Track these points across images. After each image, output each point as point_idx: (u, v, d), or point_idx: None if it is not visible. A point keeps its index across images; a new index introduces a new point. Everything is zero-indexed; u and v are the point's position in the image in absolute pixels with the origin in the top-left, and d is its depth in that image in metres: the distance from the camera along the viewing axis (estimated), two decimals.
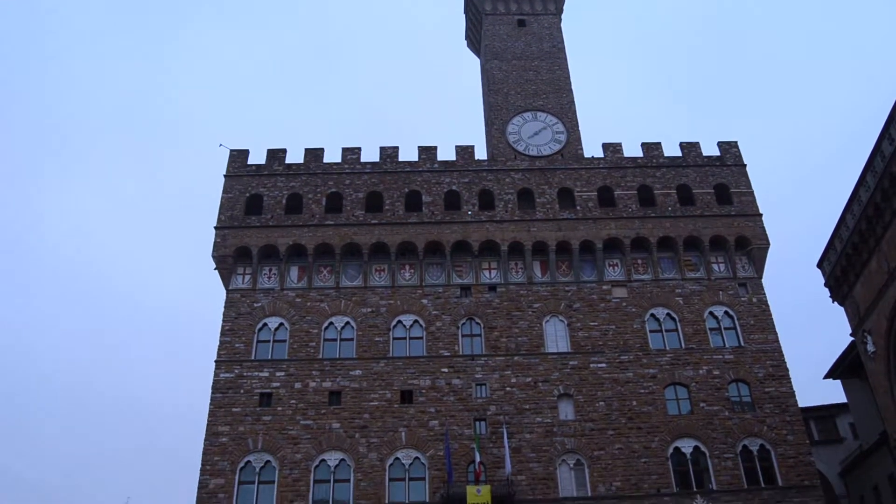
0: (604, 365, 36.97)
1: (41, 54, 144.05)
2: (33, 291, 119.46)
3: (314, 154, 43.53)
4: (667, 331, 38.47)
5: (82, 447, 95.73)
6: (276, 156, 43.32)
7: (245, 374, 36.26)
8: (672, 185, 42.65)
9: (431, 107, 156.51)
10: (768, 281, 52.45)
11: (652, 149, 44.33)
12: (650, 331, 38.38)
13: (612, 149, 44.32)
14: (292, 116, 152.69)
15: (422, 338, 37.85)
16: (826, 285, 35.58)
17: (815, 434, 44.38)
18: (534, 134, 45.98)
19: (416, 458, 34.25)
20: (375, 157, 43.64)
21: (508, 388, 36.15)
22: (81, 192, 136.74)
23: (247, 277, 39.57)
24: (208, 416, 34.98)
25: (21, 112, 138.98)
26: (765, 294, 39.57)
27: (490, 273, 40.09)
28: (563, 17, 54.74)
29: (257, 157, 43.34)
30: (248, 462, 33.94)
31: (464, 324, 38.43)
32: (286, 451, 34.15)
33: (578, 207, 41.65)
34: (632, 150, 44.55)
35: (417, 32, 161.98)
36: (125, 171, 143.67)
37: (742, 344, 37.87)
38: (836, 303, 35.25)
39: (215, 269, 39.58)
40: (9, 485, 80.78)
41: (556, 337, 38.07)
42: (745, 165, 43.64)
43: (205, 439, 34.35)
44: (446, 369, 36.67)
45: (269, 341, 37.65)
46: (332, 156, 43.60)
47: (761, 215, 41.50)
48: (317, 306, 38.65)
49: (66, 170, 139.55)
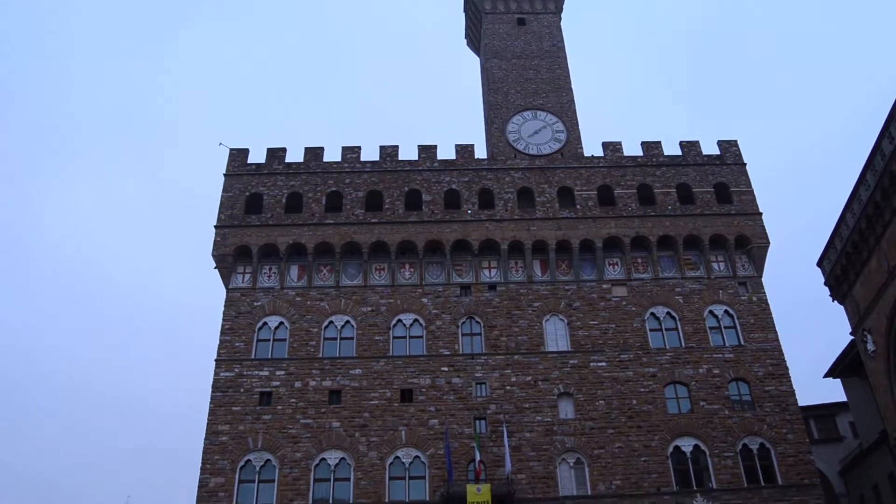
0: (604, 364, 36.98)
1: (41, 54, 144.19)
2: (33, 291, 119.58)
3: (314, 153, 43.53)
4: (667, 330, 38.49)
5: (82, 446, 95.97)
6: (275, 155, 43.33)
7: (245, 373, 36.28)
8: (672, 183, 42.64)
9: (431, 106, 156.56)
10: (768, 280, 52.46)
11: (652, 148, 44.32)
12: (650, 330, 38.39)
13: (611, 148, 44.32)
14: (292, 116, 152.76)
15: (422, 337, 37.86)
16: (826, 284, 35.59)
17: (815, 433, 44.40)
18: (534, 133, 45.97)
19: (417, 456, 34.27)
20: (375, 156, 43.66)
21: (508, 387, 36.16)
22: (81, 192, 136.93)
23: (247, 276, 39.58)
24: (208, 415, 35.02)
25: (21, 112, 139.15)
26: (765, 293, 39.57)
27: (490, 272, 40.10)
28: (562, 15, 54.79)
29: (257, 156, 43.46)
30: (249, 461, 33.96)
31: (464, 323, 38.44)
32: (286, 449, 34.17)
33: (578, 206, 41.65)
34: (632, 148, 44.63)
35: (417, 31, 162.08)
36: (125, 171, 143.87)
37: (742, 343, 37.88)
38: (835, 301, 35.26)
39: (215, 268, 39.59)
40: (9, 484, 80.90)
41: (556, 336, 38.08)
42: (745, 164, 43.64)
43: (205, 438, 34.39)
44: (446, 368, 36.69)
45: (269, 340, 37.65)
46: (332, 155, 43.68)
47: (761, 214, 41.50)
48: (317, 305, 38.66)
49: (66, 170, 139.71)
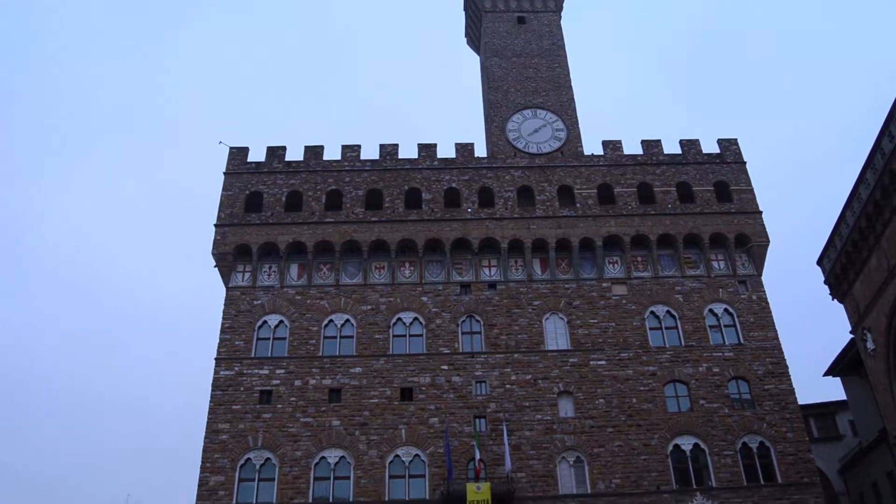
0: (603, 362, 36.98)
1: (41, 54, 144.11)
2: (33, 291, 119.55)
3: (314, 152, 43.51)
4: (666, 328, 38.49)
5: (82, 445, 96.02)
6: (275, 153, 43.31)
7: (245, 371, 36.29)
8: (672, 182, 42.63)
9: (431, 104, 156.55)
10: (768, 278, 52.32)
11: (652, 146, 44.30)
12: (650, 328, 38.39)
13: (611, 146, 44.29)
14: (292, 115, 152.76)
15: (422, 335, 37.87)
16: (826, 283, 35.60)
17: (815, 431, 44.43)
18: (534, 131, 45.95)
19: (416, 455, 34.28)
20: (375, 155, 43.63)
21: (508, 386, 36.16)
22: (81, 191, 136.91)
23: (247, 275, 39.58)
24: (208, 413, 35.03)
25: (21, 112, 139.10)
26: (764, 291, 39.57)
27: (490, 270, 40.10)
28: (562, 14, 54.74)
29: (257, 155, 43.44)
30: (249, 459, 33.98)
31: (464, 321, 38.44)
32: (286, 448, 34.18)
33: (578, 205, 41.63)
34: (632, 147, 44.61)
35: (417, 30, 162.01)
36: (125, 171, 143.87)
37: (742, 341, 37.88)
38: (835, 300, 35.28)
39: (215, 266, 39.59)
40: (9, 483, 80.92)
41: (555, 334, 38.08)
42: (745, 163, 43.61)
43: (205, 437, 34.40)
44: (446, 367, 36.69)
45: (268, 339, 37.66)
46: (332, 153, 43.65)
47: (761, 213, 41.49)
48: (317, 304, 38.66)
49: (66, 170, 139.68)
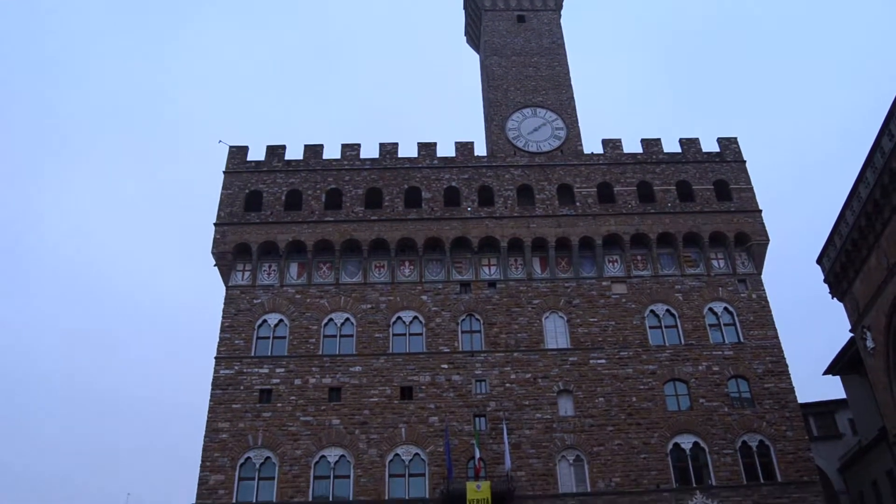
0: (603, 361, 36.99)
1: (41, 54, 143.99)
2: (33, 291, 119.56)
3: (313, 150, 43.49)
4: (666, 327, 38.49)
5: (82, 444, 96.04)
6: (275, 152, 43.29)
7: (245, 370, 36.29)
8: (672, 181, 42.60)
9: (431, 103, 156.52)
10: (768, 277, 52.43)
11: (651, 145, 44.28)
12: (650, 327, 38.39)
13: (611, 145, 44.27)
14: (292, 114, 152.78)
15: (421, 334, 37.86)
16: (825, 281, 35.63)
17: (815, 430, 44.48)
18: (533, 130, 45.93)
19: (416, 454, 34.29)
20: (375, 154, 43.61)
21: (508, 385, 36.16)
22: (81, 191, 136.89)
23: (246, 274, 39.56)
24: (208, 412, 35.02)
25: (21, 112, 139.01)
26: (764, 290, 39.55)
27: (490, 269, 40.10)
28: (562, 12, 54.74)
29: (257, 154, 43.39)
30: (248, 458, 33.98)
31: (463, 320, 38.44)
32: (286, 447, 34.19)
33: (578, 204, 41.62)
34: (631, 146, 44.58)
35: (417, 29, 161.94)
36: (125, 170, 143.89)
37: (741, 340, 37.88)
38: (835, 299, 35.32)
39: (215, 265, 39.58)
40: (9, 482, 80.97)
41: (555, 333, 38.08)
42: (745, 161, 43.58)
43: (205, 436, 34.40)
44: (446, 365, 36.69)
45: (268, 338, 37.66)
46: (332, 152, 43.62)
47: (761, 211, 41.46)
48: (316, 303, 38.66)
49: (66, 170, 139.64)
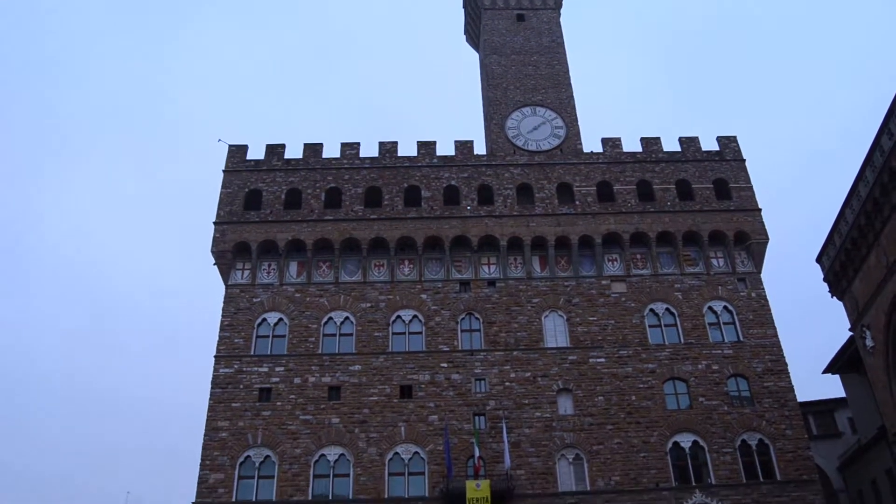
0: (603, 360, 36.99)
1: (41, 54, 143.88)
2: (33, 291, 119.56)
3: (313, 149, 43.47)
4: (666, 326, 38.50)
5: (82, 443, 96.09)
6: (274, 151, 43.27)
7: (244, 369, 36.29)
8: (671, 179, 42.59)
9: (430, 102, 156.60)
10: (767, 276, 52.25)
11: (651, 144, 44.27)
12: (649, 325, 38.39)
13: (611, 144, 44.26)
14: (291, 113, 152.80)
15: (421, 333, 37.87)
16: (825, 280, 35.64)
17: (814, 428, 44.51)
18: (533, 129, 45.90)
19: (416, 452, 34.30)
20: (374, 153, 43.59)
21: (507, 383, 36.17)
22: (81, 191, 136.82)
23: (246, 273, 39.56)
24: (208, 411, 35.03)
25: (21, 112, 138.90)
26: (764, 289, 39.55)
27: (489, 268, 40.10)
28: (562, 11, 54.70)
29: (256, 153, 43.36)
30: (248, 457, 33.99)
31: (463, 319, 38.44)
32: (286, 445, 34.19)
33: (577, 202, 41.61)
34: (631, 144, 44.57)
35: (416, 27, 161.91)
36: (125, 170, 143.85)
37: (741, 339, 37.89)
38: (834, 297, 35.33)
39: (214, 264, 39.57)
40: (9, 482, 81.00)
41: (555, 332, 38.08)
42: (745, 160, 43.56)
43: (204, 434, 34.41)
44: (445, 364, 36.70)
45: (268, 336, 37.66)
46: (331, 151, 43.60)
47: (760, 210, 41.46)
48: (316, 301, 38.66)
49: (66, 170, 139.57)
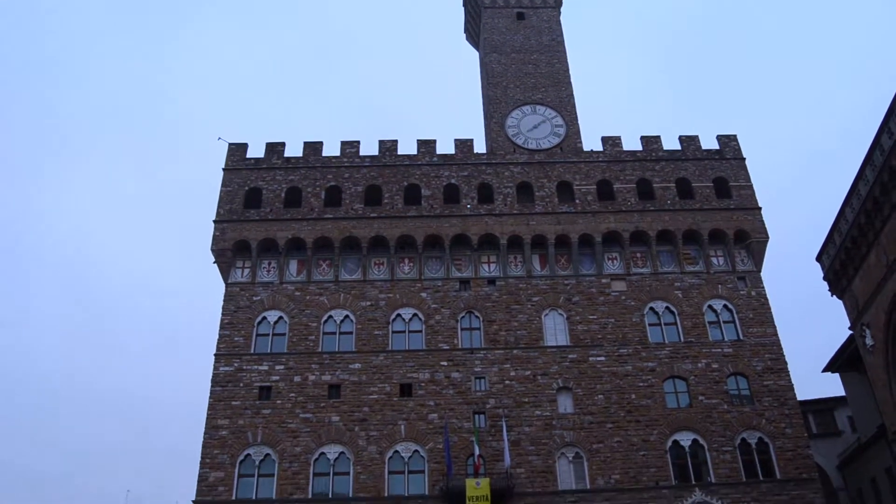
0: (603, 358, 37.01)
1: (41, 54, 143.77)
2: (33, 291, 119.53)
3: (313, 148, 43.45)
4: (666, 324, 38.51)
5: (82, 442, 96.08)
6: (274, 149, 43.25)
7: (244, 367, 36.30)
8: (671, 178, 42.58)
9: (430, 100, 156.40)
10: (767, 274, 52.44)
11: (651, 142, 44.25)
12: (649, 324, 38.40)
13: (611, 142, 44.25)
14: (291, 111, 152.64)
15: (421, 331, 37.87)
16: (825, 279, 35.64)
17: (814, 427, 44.51)
18: (533, 127, 45.88)
19: (416, 451, 34.31)
20: (374, 151, 43.58)
21: (507, 382, 36.18)
22: (81, 191, 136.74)
23: (246, 271, 39.55)
24: (208, 409, 35.03)
25: (21, 112, 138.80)
26: (764, 287, 39.56)
27: (489, 266, 40.10)
28: (562, 10, 54.66)
29: (256, 151, 43.32)
30: (248, 455, 34.01)
31: (463, 317, 38.45)
32: (286, 444, 34.21)
33: (577, 201, 41.61)
34: (631, 143, 44.53)
35: (416, 26, 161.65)
36: (125, 169, 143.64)
37: (741, 337, 37.90)
38: (834, 296, 35.32)
39: (214, 262, 39.56)
40: (9, 480, 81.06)
41: (555, 330, 38.08)
42: (745, 159, 43.54)
43: (204, 433, 34.42)
44: (445, 363, 36.70)
45: (268, 335, 37.66)
46: (331, 149, 43.58)
47: (760, 209, 41.45)
48: (316, 300, 38.66)
49: (66, 170, 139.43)
